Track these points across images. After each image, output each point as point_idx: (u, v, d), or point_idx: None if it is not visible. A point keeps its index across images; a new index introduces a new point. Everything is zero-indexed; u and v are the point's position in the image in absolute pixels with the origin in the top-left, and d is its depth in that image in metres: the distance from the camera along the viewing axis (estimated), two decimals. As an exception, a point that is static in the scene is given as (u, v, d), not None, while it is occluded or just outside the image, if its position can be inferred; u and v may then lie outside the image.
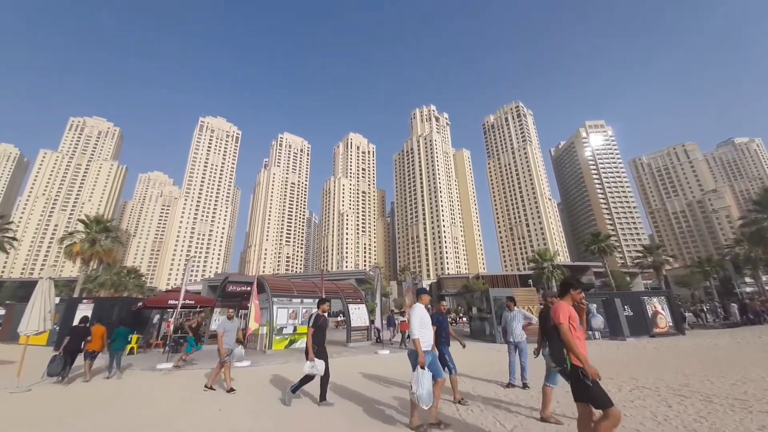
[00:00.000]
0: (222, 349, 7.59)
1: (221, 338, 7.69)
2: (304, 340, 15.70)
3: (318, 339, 6.21)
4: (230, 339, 7.88)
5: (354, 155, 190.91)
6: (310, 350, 6.04)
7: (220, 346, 7.61)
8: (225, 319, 8.26)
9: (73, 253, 31.33)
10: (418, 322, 4.99)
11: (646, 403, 5.86)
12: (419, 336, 4.87)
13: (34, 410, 6.36)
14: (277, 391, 7.49)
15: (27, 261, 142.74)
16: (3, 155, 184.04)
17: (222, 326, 7.90)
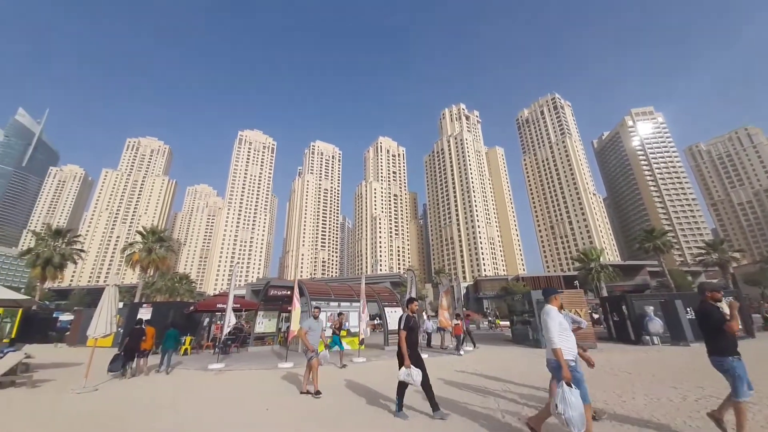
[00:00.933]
0: (309, 345, 7.38)
1: (305, 336, 7.48)
2: (343, 343, 15.98)
3: (411, 342, 5.63)
4: (314, 338, 7.61)
5: (384, 159, 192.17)
6: (405, 356, 5.45)
7: (306, 344, 7.39)
8: (311, 318, 8.11)
9: (132, 261, 34.37)
10: (557, 327, 4.31)
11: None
12: (560, 345, 4.18)
13: (99, 409, 7.01)
14: (352, 394, 7.49)
15: (93, 270, 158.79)
16: (70, 175, 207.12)
17: (307, 323, 7.80)
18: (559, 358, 4.12)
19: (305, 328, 7.65)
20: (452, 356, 13.98)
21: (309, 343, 7.42)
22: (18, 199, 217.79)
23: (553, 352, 4.21)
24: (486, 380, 8.55)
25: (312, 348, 7.37)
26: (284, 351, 15.63)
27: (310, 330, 7.63)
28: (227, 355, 14.31)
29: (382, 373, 9.97)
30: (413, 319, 5.79)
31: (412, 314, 5.83)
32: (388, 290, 21.08)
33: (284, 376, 9.98)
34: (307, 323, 7.82)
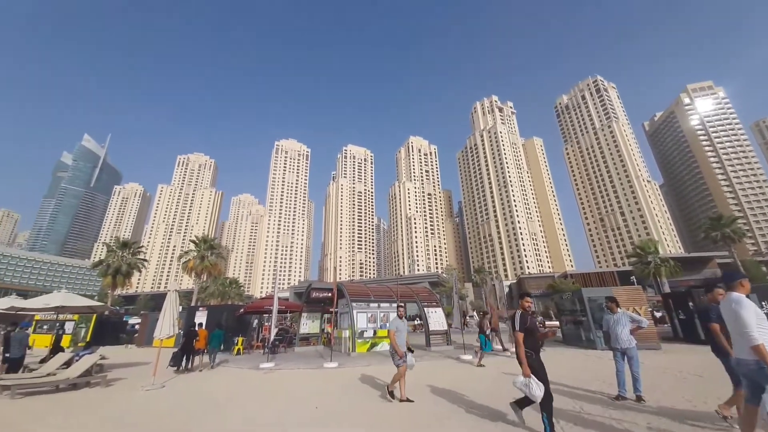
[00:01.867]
0: (398, 349, 6.70)
1: (393, 337, 6.82)
2: (384, 344, 16.04)
3: (532, 345, 4.74)
4: (402, 340, 6.91)
5: (416, 158, 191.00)
6: (524, 363, 4.59)
7: (395, 347, 6.73)
8: (396, 317, 7.33)
9: (188, 268, 37.25)
10: (754, 319, 3.51)
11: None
12: (762, 340, 3.37)
13: (168, 405, 7.60)
14: (424, 399, 7.19)
15: (155, 277, 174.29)
16: (131, 193, 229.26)
17: (394, 324, 7.05)
18: (763, 355, 3.32)
19: (392, 329, 6.96)
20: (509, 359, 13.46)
21: (398, 347, 6.73)
22: (88, 216, 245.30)
23: (755, 350, 3.36)
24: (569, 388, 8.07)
25: (402, 353, 6.69)
26: (328, 351, 16.03)
27: (398, 331, 6.90)
28: (276, 354, 14.95)
29: (428, 373, 9.87)
30: (531, 317, 4.82)
31: (527, 311, 4.87)
32: (427, 290, 20.84)
33: (330, 375, 10.25)
34: (395, 323, 7.06)
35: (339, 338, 16.49)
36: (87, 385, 9.20)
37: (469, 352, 13.90)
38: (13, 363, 9.59)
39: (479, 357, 11.62)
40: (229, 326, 18.19)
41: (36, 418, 6.18)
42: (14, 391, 7.71)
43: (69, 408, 6.98)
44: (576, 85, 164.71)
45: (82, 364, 9.18)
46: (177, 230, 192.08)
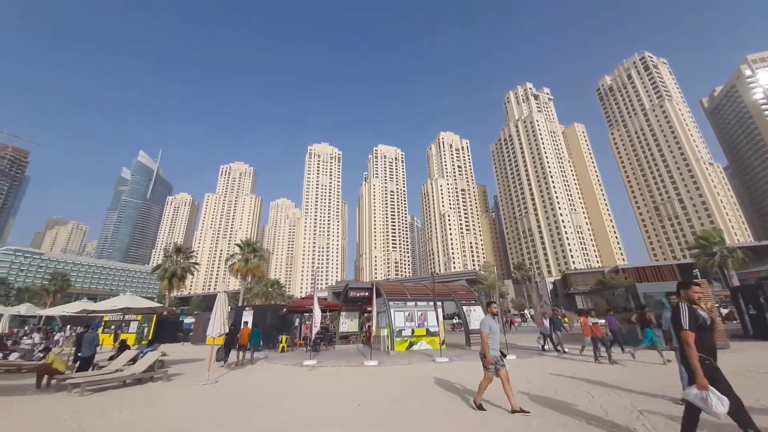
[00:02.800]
0: (488, 355, 5.80)
1: (487, 341, 5.86)
2: (423, 343, 15.91)
3: (707, 347, 3.71)
4: (495, 343, 5.96)
5: (447, 154, 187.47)
6: (697, 370, 3.52)
7: (486, 352, 5.82)
8: (488, 316, 6.25)
9: (234, 270, 39.53)
10: None
11: None
12: None
13: (223, 398, 8.06)
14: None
15: (205, 279, 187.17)
16: (182, 202, 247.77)
17: (487, 323, 6.02)
18: None
19: (486, 331, 5.91)
20: (576, 362, 12.79)
21: (489, 351, 5.81)
22: (146, 225, 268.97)
23: None
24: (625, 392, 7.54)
25: (491, 360, 5.78)
26: (367, 349, 16.20)
27: (492, 333, 5.94)
28: (317, 352, 15.39)
29: (468, 372, 9.63)
30: (702, 315, 3.88)
31: (696, 306, 3.94)
32: (465, 288, 20.37)
33: (371, 373, 10.38)
34: (487, 322, 6.03)
35: (378, 337, 16.60)
36: (151, 380, 10.04)
37: (513, 352, 13.36)
38: (85, 361, 10.44)
39: (633, 353, 11.37)
40: (273, 325, 19.03)
41: (103, 412, 6.77)
42: (83, 388, 8.42)
43: (135, 402, 7.64)
44: (620, 63, 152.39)
45: (146, 361, 10.04)
46: (223, 235, 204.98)
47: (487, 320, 6.10)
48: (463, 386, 7.89)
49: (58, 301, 54.22)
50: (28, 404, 7.31)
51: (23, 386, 9.22)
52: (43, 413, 6.64)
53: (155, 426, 5.74)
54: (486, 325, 6.00)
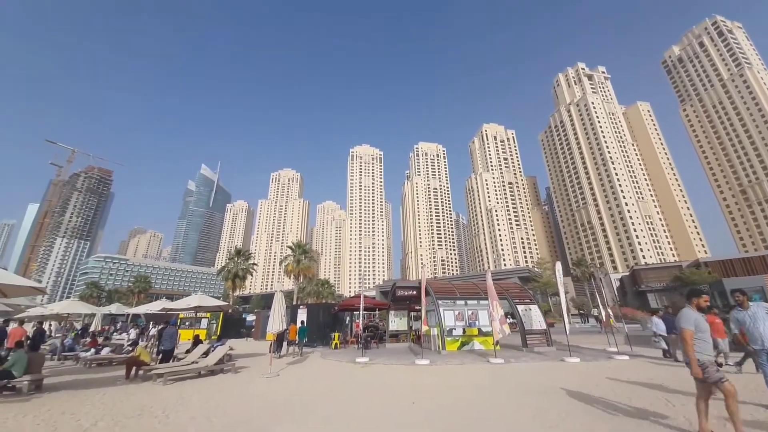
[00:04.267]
0: (693, 361, 4.17)
1: (691, 342, 4.25)
2: (476, 343, 15.42)
3: None
4: (707, 345, 4.27)
5: (492, 146, 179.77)
6: None
7: (691, 357, 4.20)
8: (691, 308, 4.52)
9: (288, 270, 41.85)
10: None
11: None
12: None
13: (286, 390, 8.52)
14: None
15: (263, 279, 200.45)
16: (239, 209, 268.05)
17: (690, 319, 4.39)
18: None
19: (689, 328, 4.31)
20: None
21: (694, 357, 4.18)
22: (210, 231, 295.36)
23: None
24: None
25: (702, 368, 4.12)
26: (417, 348, 16.11)
27: (700, 332, 4.31)
28: (368, 350, 15.66)
29: (525, 374, 9.11)
30: None
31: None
32: (518, 286, 19.36)
33: (423, 371, 10.30)
34: (692, 317, 4.40)
35: (428, 336, 16.42)
36: (221, 372, 10.98)
37: (577, 354, 12.38)
38: (166, 354, 11.78)
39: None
40: (326, 322, 19.78)
41: (184, 400, 7.53)
42: (166, 378, 9.47)
43: (210, 392, 8.39)
44: (689, 31, 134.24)
45: (216, 354, 10.99)
46: (276, 238, 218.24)
47: (690, 314, 4.41)
48: (518, 387, 7.47)
49: (141, 301, 61.74)
50: (118, 393, 8.34)
51: (114, 378, 10.54)
52: (131, 401, 7.53)
53: (229, 414, 6.23)
54: (689, 320, 4.35)
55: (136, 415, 6.27)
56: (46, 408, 6.70)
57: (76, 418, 6.04)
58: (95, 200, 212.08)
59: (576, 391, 7.18)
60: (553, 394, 7.00)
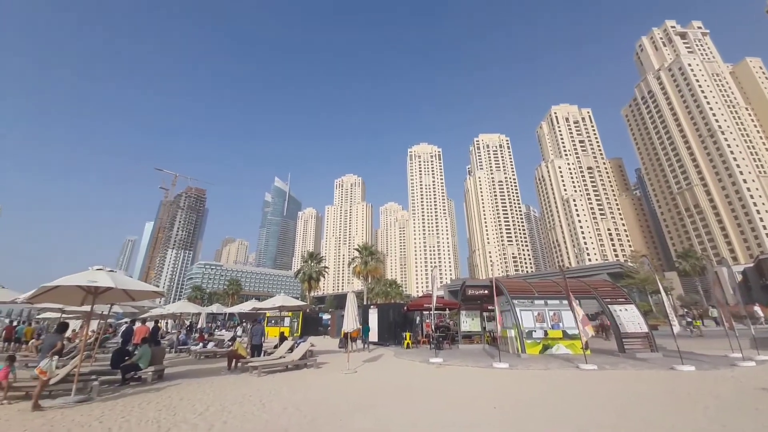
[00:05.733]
0: None
1: None
2: (561, 346, 14.10)
3: None
4: None
5: (564, 129, 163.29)
6: None
7: None
8: None
9: (356, 272, 43.61)
10: None
11: None
12: None
13: (365, 385, 8.82)
14: None
15: (334, 281, 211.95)
16: (309, 216, 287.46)
17: None
18: None
19: None
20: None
21: None
22: (285, 238, 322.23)
23: None
24: None
25: None
26: (493, 350, 15.31)
27: None
28: (441, 350, 15.40)
29: (624, 383, 7.97)
30: None
31: None
32: (608, 283, 17.22)
33: (502, 375, 9.74)
34: None
35: (504, 338, 15.52)
36: (305, 366, 11.86)
37: (690, 362, 10.48)
38: (256, 348, 13.31)
39: None
40: (396, 322, 20.02)
41: (276, 391, 8.30)
42: (260, 370, 10.62)
43: (297, 385, 9.10)
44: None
45: (300, 350, 11.90)
46: (343, 241, 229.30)
47: None
48: (622, 397, 6.55)
49: (235, 301, 70.08)
50: (222, 382, 9.56)
51: (218, 368, 12.12)
52: (233, 389, 8.55)
53: (315, 405, 6.66)
54: None
55: (238, 402, 7.09)
56: (167, 395, 7.95)
57: (192, 404, 7.04)
58: (194, 216, 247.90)
59: (705, 403, 6.04)
60: (668, 406, 5.99)
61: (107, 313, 14.06)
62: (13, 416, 6.21)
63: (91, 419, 5.92)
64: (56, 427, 5.35)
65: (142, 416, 6.14)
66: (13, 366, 7.14)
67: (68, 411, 6.47)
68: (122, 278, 8.60)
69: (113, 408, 6.70)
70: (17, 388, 7.21)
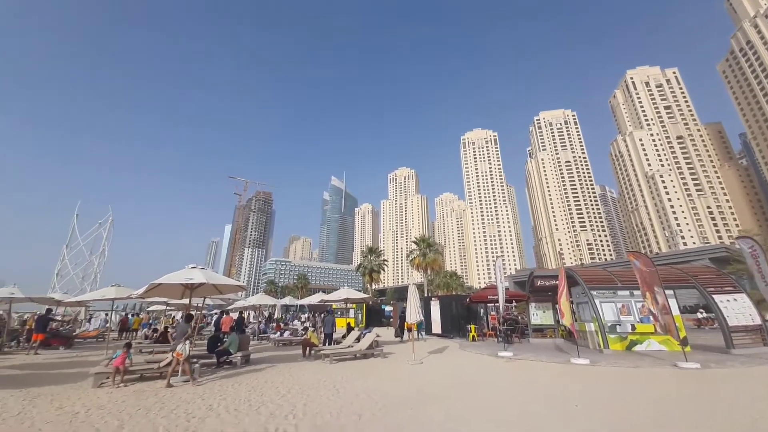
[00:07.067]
0: None
1: None
2: (653, 342, 12.57)
3: None
4: None
5: (643, 96, 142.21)
6: None
7: None
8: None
9: (415, 264, 43.66)
10: None
11: None
12: None
13: (433, 377, 8.84)
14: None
15: (393, 274, 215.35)
16: (366, 211, 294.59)
17: None
18: None
19: None
20: None
21: None
22: (344, 233, 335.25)
23: None
24: None
25: None
26: (568, 345, 14.18)
27: None
28: (510, 344, 14.74)
29: (742, 386, 6.77)
30: None
31: None
32: (712, 270, 14.78)
33: (582, 372, 8.98)
34: None
35: (582, 332, 14.28)
36: (372, 356, 12.30)
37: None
38: (328, 337, 14.41)
39: None
40: (460, 314, 19.65)
41: (347, 378, 8.79)
42: (331, 358, 11.31)
43: (365, 373, 9.49)
44: None
45: (367, 340, 12.38)
46: (400, 234, 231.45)
47: None
48: (743, 402, 5.58)
49: (304, 294, 75.27)
50: (299, 368, 10.40)
51: (295, 355, 13.18)
52: (309, 375, 9.24)
53: (386, 394, 6.87)
54: None
55: (315, 387, 7.64)
56: (254, 378, 8.88)
57: (276, 386, 7.78)
58: (264, 217, 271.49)
59: None
60: None
61: (201, 305, 16.14)
62: (129, 396, 7.50)
63: (194, 396, 6.87)
64: (167, 404, 6.30)
65: (235, 395, 6.96)
66: (129, 352, 8.46)
67: (176, 389, 7.59)
68: (212, 274, 9.78)
69: (212, 388, 7.70)
70: (132, 371, 8.56)
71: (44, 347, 14.84)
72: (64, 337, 16.70)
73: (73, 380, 8.51)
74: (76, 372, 9.74)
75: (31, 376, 9.11)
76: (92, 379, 8.02)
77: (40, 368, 10.60)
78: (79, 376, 8.91)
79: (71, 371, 10.03)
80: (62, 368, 10.68)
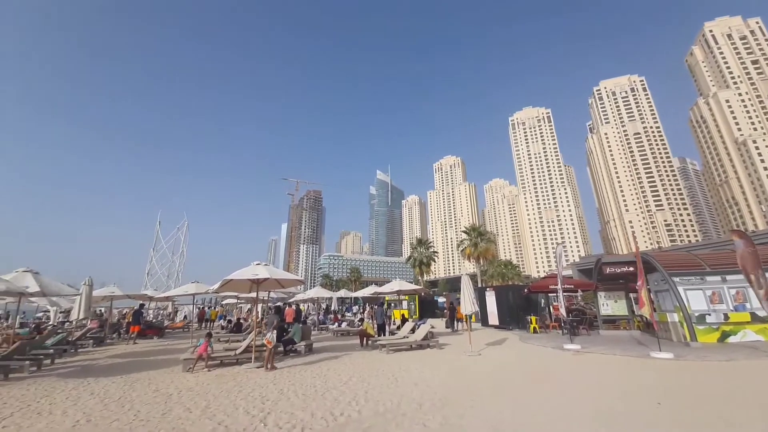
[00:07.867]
0: None
1: None
2: (749, 332, 10.90)
3: None
4: None
5: (726, 51, 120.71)
6: None
7: None
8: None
9: (466, 254, 42.53)
10: None
11: None
12: None
13: (490, 368, 8.61)
14: None
15: (444, 264, 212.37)
16: (413, 203, 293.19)
17: None
18: None
19: None
20: None
21: None
22: (392, 226, 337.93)
23: None
24: None
25: None
26: (646, 338, 12.80)
27: None
28: (576, 336, 13.75)
29: None
30: None
31: None
32: (836, 248, 12.22)
33: (664, 367, 8.07)
34: None
35: (663, 323, 12.81)
36: (428, 347, 12.30)
37: None
38: (380, 327, 14.87)
39: None
40: (518, 305, 18.77)
41: (404, 368, 8.92)
42: (388, 348, 11.56)
43: (422, 364, 9.52)
44: None
45: (421, 331, 12.43)
46: (449, 224, 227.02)
47: None
48: None
49: (358, 287, 77.69)
50: (357, 357, 10.82)
51: (352, 345, 13.69)
52: (368, 364, 9.57)
53: (444, 385, 6.86)
54: None
55: (374, 375, 7.89)
56: (317, 365, 9.42)
57: (338, 374, 8.19)
58: (315, 215, 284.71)
59: None
60: None
61: (267, 298, 17.48)
62: (212, 380, 8.39)
63: (267, 381, 7.52)
64: (244, 387, 6.97)
65: (302, 381, 7.48)
66: (210, 341, 9.48)
67: (251, 374, 8.38)
68: (274, 270, 10.55)
69: (281, 374, 8.35)
70: (214, 358, 9.60)
71: (141, 337, 17.30)
72: (156, 327, 19.32)
73: (166, 366, 9.87)
74: (168, 358, 11.28)
75: (132, 363, 10.67)
76: (181, 365, 9.25)
77: (139, 356, 12.36)
78: (171, 362, 10.30)
79: (164, 357, 11.63)
80: (156, 355, 12.41)
